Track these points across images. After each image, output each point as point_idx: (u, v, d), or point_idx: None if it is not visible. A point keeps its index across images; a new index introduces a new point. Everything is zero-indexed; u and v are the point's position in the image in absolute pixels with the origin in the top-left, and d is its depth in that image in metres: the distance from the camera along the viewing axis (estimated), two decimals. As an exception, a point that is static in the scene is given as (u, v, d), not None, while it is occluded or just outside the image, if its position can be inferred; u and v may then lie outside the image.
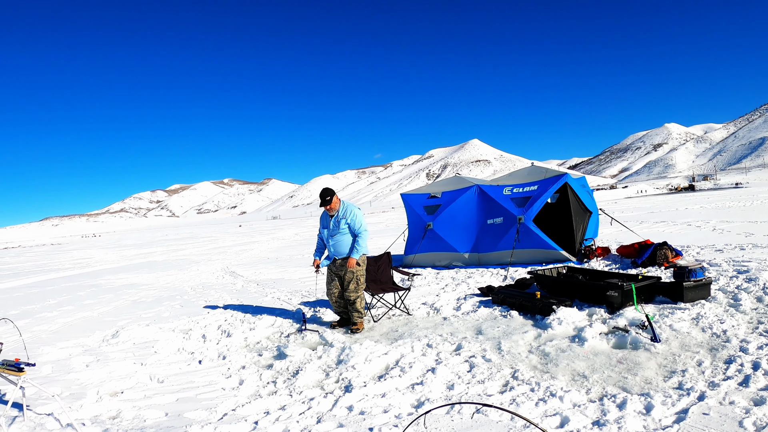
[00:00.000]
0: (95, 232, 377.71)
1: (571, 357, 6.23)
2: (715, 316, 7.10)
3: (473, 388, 5.64)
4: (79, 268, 26.70)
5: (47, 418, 5.25)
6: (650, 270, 11.11)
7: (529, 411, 4.86)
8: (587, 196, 15.51)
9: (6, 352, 7.60)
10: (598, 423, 4.45)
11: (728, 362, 5.47)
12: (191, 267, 22.60)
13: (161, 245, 47.50)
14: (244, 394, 6.06)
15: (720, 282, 8.96)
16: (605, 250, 14.04)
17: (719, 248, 12.64)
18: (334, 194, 8.73)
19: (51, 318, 11.52)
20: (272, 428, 4.97)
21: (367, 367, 6.50)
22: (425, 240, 15.73)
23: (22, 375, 4.56)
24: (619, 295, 7.95)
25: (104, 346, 8.70)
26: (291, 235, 49.45)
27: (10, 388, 6.24)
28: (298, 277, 16.10)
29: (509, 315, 8.59)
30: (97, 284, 18.21)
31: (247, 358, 7.51)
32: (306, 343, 8.11)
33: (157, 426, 5.19)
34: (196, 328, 9.60)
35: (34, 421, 5.15)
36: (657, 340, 6.33)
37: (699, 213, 24.70)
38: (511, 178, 15.96)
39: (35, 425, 4.97)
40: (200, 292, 14.48)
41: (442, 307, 9.71)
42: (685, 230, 17.93)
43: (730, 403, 4.52)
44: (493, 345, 7.06)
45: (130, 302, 13.45)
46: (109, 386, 6.53)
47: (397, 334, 8.19)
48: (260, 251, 29.66)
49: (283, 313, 10.28)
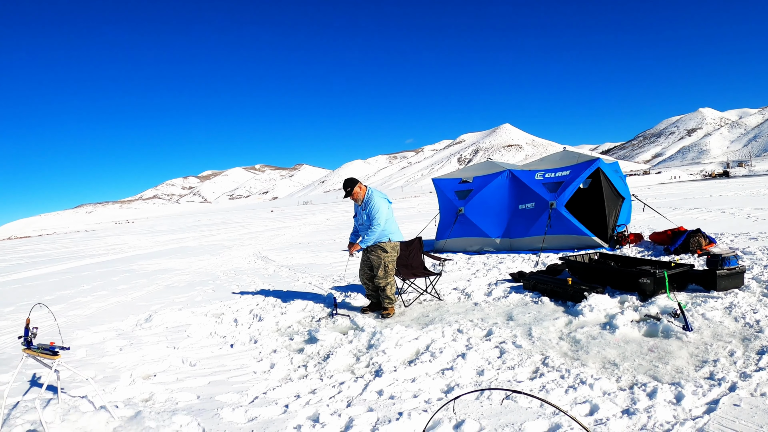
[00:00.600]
0: (128, 218, 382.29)
1: (602, 344, 6.22)
2: (748, 305, 7.02)
3: (503, 374, 5.66)
4: (113, 254, 27.09)
5: (81, 401, 5.37)
6: (683, 257, 11.01)
7: (559, 398, 4.87)
8: (620, 181, 15.37)
9: (41, 337, 7.76)
10: (628, 411, 4.45)
11: (761, 353, 5.41)
12: (223, 252, 22.84)
13: (194, 231, 47.96)
14: (275, 378, 6.15)
15: (754, 271, 8.85)
16: (638, 237, 13.92)
17: (753, 236, 12.47)
18: (356, 184, 8.69)
19: (85, 303, 11.74)
20: (302, 411, 5.04)
21: (397, 352, 6.55)
22: (457, 225, 15.72)
23: (57, 358, 4.65)
24: (651, 282, 7.90)
25: (137, 330, 8.86)
26: (322, 220, 49.64)
27: (45, 371, 6.39)
28: (330, 261, 16.20)
29: (540, 301, 8.58)
30: (131, 269, 18.49)
31: (278, 342, 7.61)
32: (337, 327, 8.18)
33: (189, 408, 5.29)
34: (228, 312, 9.74)
35: (69, 403, 5.26)
36: (689, 328, 6.28)
37: (733, 200, 24.35)
38: (543, 163, 15.86)
39: (69, 407, 5.08)
40: (232, 277, 14.65)
41: (473, 292, 9.72)
42: (719, 217, 17.69)
43: (762, 394, 4.48)
44: (523, 331, 7.07)
45: (163, 287, 13.66)
46: (142, 369, 6.67)
47: (428, 319, 8.23)
48: (292, 236, 29.85)
49: (315, 298, 10.37)
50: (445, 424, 4.49)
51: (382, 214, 8.54)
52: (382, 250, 8.67)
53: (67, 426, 4.69)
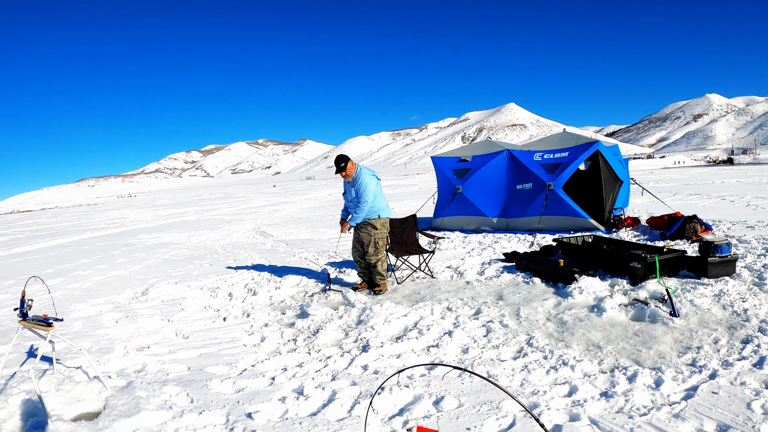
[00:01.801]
0: (130, 192, 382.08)
1: (587, 327, 6.26)
2: (737, 294, 7.03)
3: (487, 352, 5.70)
4: (114, 227, 27.14)
5: (76, 371, 5.44)
6: (678, 243, 11.01)
7: (539, 378, 4.91)
8: (619, 165, 15.34)
9: (38, 309, 7.83)
10: (606, 394, 4.48)
11: (745, 342, 5.43)
12: (223, 227, 22.91)
13: (195, 205, 48.00)
14: (264, 351, 6.22)
15: (747, 259, 8.85)
16: (635, 221, 13.93)
17: (751, 225, 12.46)
18: (348, 161, 8.68)
19: (84, 276, 11.80)
20: (288, 384, 5.10)
21: (385, 328, 6.62)
22: (454, 203, 15.74)
23: (51, 330, 4.71)
24: (642, 266, 7.92)
25: (134, 303, 8.94)
26: (324, 195, 49.69)
27: (41, 342, 6.46)
28: (327, 237, 16.27)
29: (531, 282, 8.62)
30: (131, 243, 18.54)
31: (270, 316, 7.67)
32: (329, 303, 8.24)
33: (179, 379, 5.36)
34: (224, 286, 9.81)
35: (63, 373, 5.33)
36: (676, 314, 6.31)
37: (735, 187, 24.29)
38: (542, 143, 15.85)
39: (64, 378, 5.14)
40: (230, 251, 14.73)
41: (466, 271, 9.77)
42: (719, 204, 17.66)
43: (741, 383, 4.50)
44: (512, 311, 7.12)
45: (161, 261, 13.73)
46: (136, 341, 6.75)
47: (419, 297, 8.28)
48: (292, 212, 29.92)
49: (309, 273, 10.44)
50: (425, 400, 4.54)
51: (370, 190, 8.54)
52: (371, 227, 8.69)
53: (62, 395, 4.75)
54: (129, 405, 4.55)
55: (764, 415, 3.96)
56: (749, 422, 3.88)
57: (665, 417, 4.04)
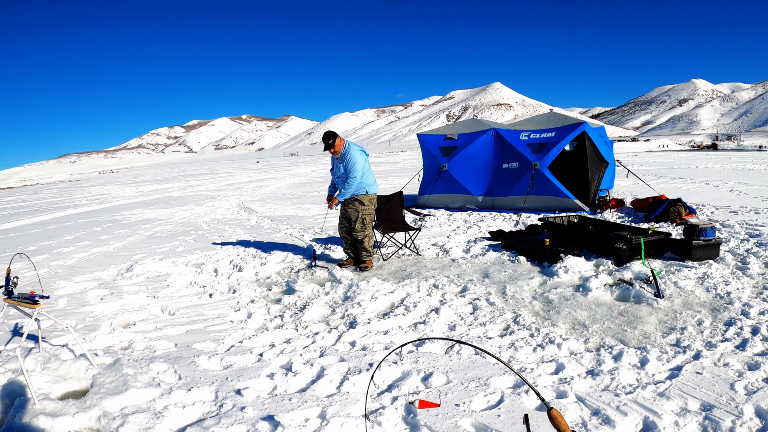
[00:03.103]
0: (113, 168, 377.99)
1: (573, 306, 6.31)
2: (721, 277, 7.09)
3: (474, 330, 5.74)
4: (96, 204, 26.88)
5: (62, 349, 5.40)
6: (662, 225, 11.08)
7: (526, 356, 4.95)
8: (605, 146, 15.38)
9: (22, 287, 7.76)
10: (592, 372, 4.53)
11: (728, 324, 5.49)
12: (207, 203, 22.81)
13: (178, 181, 47.67)
14: (251, 327, 6.22)
15: (730, 244, 8.92)
16: (619, 203, 14.01)
17: (734, 210, 12.54)
18: (336, 137, 8.65)
19: (68, 253, 11.69)
20: (276, 360, 5.11)
21: (372, 305, 6.64)
22: (440, 181, 15.76)
23: (37, 307, 4.66)
24: (627, 248, 7.97)
25: (118, 279, 8.87)
26: (308, 172, 49.52)
27: (27, 321, 6.41)
28: (312, 214, 16.26)
29: (517, 260, 8.66)
30: (114, 220, 18.38)
31: (256, 293, 7.67)
32: (315, 279, 8.25)
33: (166, 356, 5.35)
34: (209, 262, 9.78)
35: (49, 351, 5.29)
36: (660, 295, 6.37)
37: (719, 172, 24.43)
38: (529, 123, 15.87)
39: (50, 356, 5.11)
40: (214, 227, 14.68)
41: (452, 248, 9.81)
42: (702, 189, 17.76)
43: (725, 365, 4.55)
44: (498, 289, 7.16)
45: (145, 237, 13.64)
46: (121, 318, 6.72)
47: (405, 274, 8.31)
48: (276, 188, 29.84)
49: (295, 250, 10.44)
50: (414, 377, 4.56)
51: (359, 166, 8.53)
52: (359, 203, 8.69)
53: (48, 374, 4.72)
54: (117, 383, 4.54)
55: (747, 396, 4.01)
56: (732, 402, 3.93)
57: (650, 395, 4.09)
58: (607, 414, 3.84)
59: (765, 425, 3.64)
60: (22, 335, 5.52)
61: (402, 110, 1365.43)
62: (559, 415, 1.75)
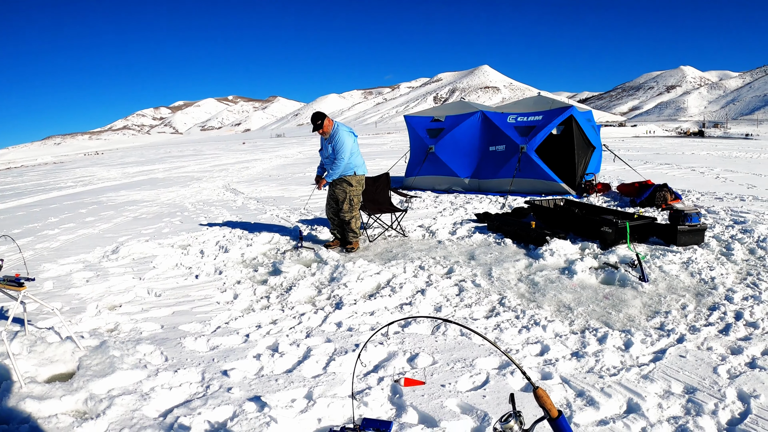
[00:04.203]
0: (98, 149, 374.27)
1: (558, 288, 6.34)
2: (705, 262, 7.14)
3: (460, 311, 5.76)
4: (81, 186, 26.60)
5: (48, 332, 5.33)
6: (648, 210, 11.14)
7: (512, 337, 4.98)
8: (592, 131, 15.42)
9: (7, 269, 7.68)
10: (577, 354, 4.56)
11: (712, 309, 5.53)
12: (192, 184, 22.66)
13: (163, 162, 47.30)
14: (237, 308, 6.19)
15: (715, 230, 8.97)
16: (605, 187, 14.05)
17: (719, 196, 12.61)
18: (325, 118, 8.60)
19: (53, 236, 11.55)
20: (262, 341, 5.11)
21: (358, 286, 6.64)
22: (426, 163, 15.75)
23: (23, 290, 4.60)
24: (612, 231, 8.01)
25: (104, 261, 8.78)
26: (294, 153, 49.35)
27: (12, 304, 6.35)
28: (298, 195, 16.22)
29: (503, 243, 8.68)
30: (99, 201, 18.18)
31: (242, 274, 7.63)
32: (301, 260, 8.23)
33: (153, 338, 5.32)
34: (195, 243, 9.71)
35: (35, 335, 5.23)
36: (645, 279, 6.40)
37: (705, 159, 24.52)
38: (517, 106, 15.89)
39: (36, 339, 5.05)
40: (200, 208, 14.59)
41: (438, 230, 9.82)
42: (689, 175, 17.84)
43: (708, 349, 4.59)
44: (484, 271, 7.18)
45: (130, 219, 13.51)
46: (107, 300, 6.65)
47: (391, 255, 8.31)
48: (262, 169, 29.72)
49: (281, 231, 10.39)
50: (400, 357, 4.58)
51: (347, 147, 8.50)
52: (347, 184, 8.66)
53: (34, 357, 4.68)
54: (103, 365, 4.52)
55: (730, 380, 4.05)
56: (715, 386, 3.97)
57: (634, 378, 4.13)
58: (591, 395, 3.87)
59: (747, 409, 3.67)
60: (7, 318, 5.47)
61: (389, 92, 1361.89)
62: (544, 394, 1.76)
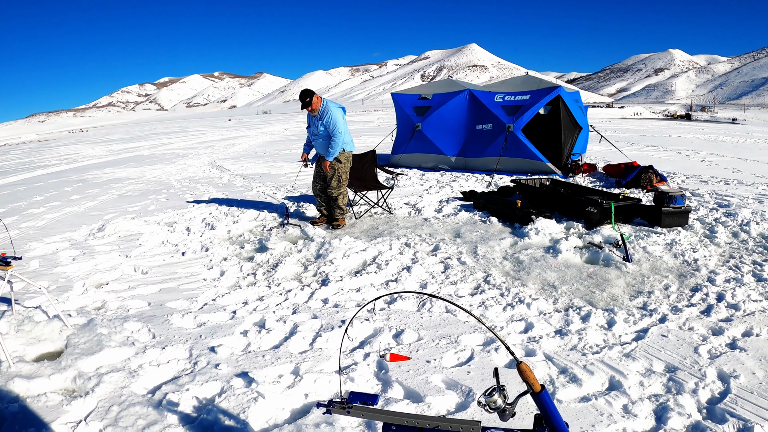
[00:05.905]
0: (82, 127, 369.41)
1: (543, 267, 6.39)
2: (689, 244, 7.19)
3: (445, 288, 5.80)
4: (66, 163, 26.30)
5: (35, 311, 5.29)
6: (633, 191, 11.19)
7: (497, 315, 5.03)
8: (579, 111, 15.44)
9: None
10: (561, 332, 4.61)
11: (694, 290, 5.58)
12: (178, 161, 22.52)
13: (149, 139, 46.85)
14: (224, 285, 6.21)
15: (699, 212, 9.02)
16: (591, 167, 14.10)
17: (704, 179, 12.68)
18: (314, 95, 8.56)
19: (38, 214, 11.45)
20: (249, 317, 5.14)
21: (344, 263, 6.67)
22: (413, 141, 15.75)
23: (9, 269, 4.57)
24: (598, 211, 8.06)
25: (90, 239, 8.73)
26: (280, 130, 49.09)
27: None
28: (285, 172, 16.20)
29: (489, 221, 8.72)
30: (84, 179, 18.01)
31: (229, 251, 7.64)
32: (287, 237, 8.23)
33: (140, 315, 5.33)
34: (181, 221, 9.70)
35: (23, 314, 5.19)
36: (629, 259, 6.46)
37: (691, 142, 24.58)
38: (504, 85, 15.89)
39: (24, 318, 5.02)
40: (186, 185, 14.54)
41: (424, 208, 9.85)
42: (674, 157, 17.89)
43: (690, 329, 4.65)
44: (469, 249, 7.22)
45: (116, 196, 13.42)
46: (94, 278, 6.64)
47: (377, 232, 8.34)
48: (248, 146, 29.57)
49: (267, 207, 10.41)
50: (386, 333, 4.62)
51: (340, 123, 8.48)
52: (336, 161, 8.64)
53: (22, 336, 4.67)
54: (91, 343, 4.52)
55: (710, 360, 4.10)
56: (696, 365, 4.03)
57: (617, 356, 4.18)
58: (574, 372, 3.92)
59: (727, 389, 3.73)
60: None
61: (376, 69, 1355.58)
62: (528, 369, 1.78)
